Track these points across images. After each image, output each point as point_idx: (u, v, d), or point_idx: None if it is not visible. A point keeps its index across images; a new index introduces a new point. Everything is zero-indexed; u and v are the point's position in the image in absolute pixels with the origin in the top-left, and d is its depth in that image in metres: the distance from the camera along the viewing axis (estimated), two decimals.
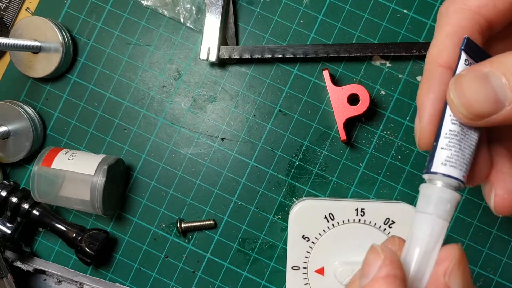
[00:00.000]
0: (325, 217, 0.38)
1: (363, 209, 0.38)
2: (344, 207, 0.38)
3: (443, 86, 0.23)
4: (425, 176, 0.22)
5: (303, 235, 0.38)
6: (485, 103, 0.20)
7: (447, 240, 0.40)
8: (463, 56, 0.22)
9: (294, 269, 0.38)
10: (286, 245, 0.39)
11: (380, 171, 0.42)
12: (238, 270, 0.42)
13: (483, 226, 0.41)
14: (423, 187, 0.22)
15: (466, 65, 0.22)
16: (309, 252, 0.38)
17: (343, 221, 0.38)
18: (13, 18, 0.44)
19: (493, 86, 0.20)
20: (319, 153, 0.42)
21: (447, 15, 0.23)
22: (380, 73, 0.42)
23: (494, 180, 0.23)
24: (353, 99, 0.40)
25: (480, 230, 0.41)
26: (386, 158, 0.42)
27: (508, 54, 0.20)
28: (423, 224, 0.21)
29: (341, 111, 0.40)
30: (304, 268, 0.38)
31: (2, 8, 0.44)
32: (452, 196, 0.21)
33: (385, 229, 0.38)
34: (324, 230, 0.38)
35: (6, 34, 0.43)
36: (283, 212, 0.42)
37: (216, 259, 0.42)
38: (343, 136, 0.40)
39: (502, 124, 0.21)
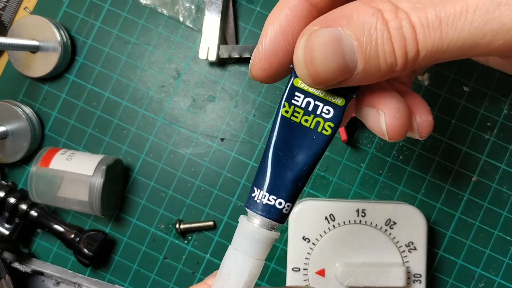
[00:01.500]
0: (326, 218, 0.38)
1: (364, 209, 0.37)
2: (345, 208, 0.38)
3: (292, 20, 0.21)
4: (246, 208, 0.21)
5: (304, 236, 0.38)
6: (333, 71, 0.19)
7: (450, 240, 0.40)
8: None
9: (294, 271, 0.38)
10: (286, 246, 0.38)
11: (381, 171, 0.41)
12: None
13: (485, 227, 0.41)
14: (241, 220, 0.21)
15: None
16: (309, 254, 0.38)
17: (344, 222, 0.38)
18: (11, 18, 0.44)
19: (344, 51, 0.18)
20: None
21: None
22: None
23: (379, 103, 0.21)
24: None
25: (482, 231, 0.41)
26: (387, 159, 0.41)
27: (367, 7, 0.18)
28: (233, 260, 0.21)
29: None
30: (305, 269, 0.38)
31: (0, 7, 0.44)
32: (267, 236, 0.21)
33: (386, 230, 0.37)
34: (324, 231, 0.38)
35: (4, 33, 0.43)
36: None
37: (215, 260, 0.42)
38: (343, 136, 0.40)
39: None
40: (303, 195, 0.42)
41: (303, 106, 0.21)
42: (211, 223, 0.42)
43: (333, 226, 0.38)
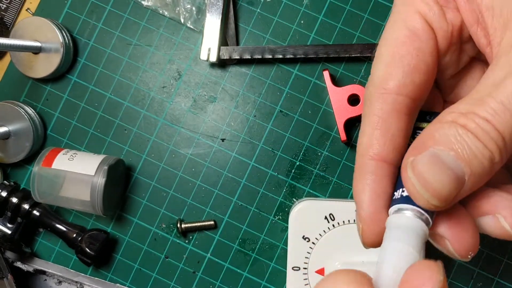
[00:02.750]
0: (326, 217, 0.38)
1: None
2: (344, 208, 0.38)
3: (379, 182, 0.23)
4: (393, 208, 0.22)
5: (304, 236, 0.38)
6: (450, 186, 0.20)
7: None
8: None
9: (294, 270, 0.38)
10: (287, 246, 0.39)
11: None
12: (239, 270, 0.42)
13: None
14: (392, 218, 0.22)
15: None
16: (309, 253, 0.38)
17: (344, 222, 0.38)
18: (13, 19, 0.44)
19: (447, 163, 0.20)
20: (319, 154, 0.42)
21: (371, 103, 0.23)
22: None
23: (491, 208, 0.22)
24: (353, 100, 0.40)
25: None
26: None
27: (441, 124, 0.20)
28: (392, 252, 0.21)
29: (342, 112, 0.40)
30: (305, 268, 0.38)
31: (3, 8, 0.44)
32: (420, 225, 0.21)
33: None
34: (324, 231, 0.38)
35: (6, 34, 0.43)
36: (284, 212, 0.42)
37: (216, 260, 0.42)
38: (343, 136, 0.40)
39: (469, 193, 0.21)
40: (303, 195, 0.42)
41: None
42: (211, 222, 0.42)
43: (333, 225, 0.38)
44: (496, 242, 0.41)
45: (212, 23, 0.41)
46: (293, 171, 0.42)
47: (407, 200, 0.21)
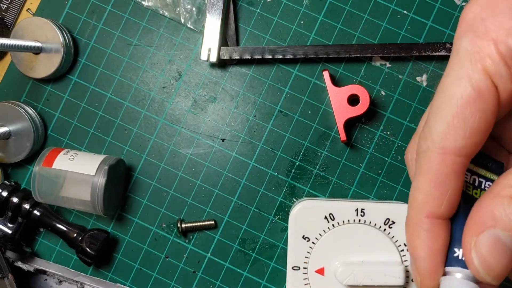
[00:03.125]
0: (325, 217, 0.38)
1: (363, 209, 0.38)
2: (344, 208, 0.38)
3: (436, 239, 0.23)
4: (451, 269, 0.24)
5: (303, 235, 0.38)
6: (509, 264, 0.21)
7: None
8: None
9: (294, 269, 0.38)
10: (286, 245, 0.39)
11: (380, 171, 0.42)
12: (239, 270, 0.42)
13: None
14: (444, 280, 0.24)
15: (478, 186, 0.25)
16: (309, 253, 0.38)
17: (343, 222, 0.38)
18: (14, 19, 0.44)
19: (507, 244, 0.21)
20: (319, 154, 0.42)
21: (429, 161, 0.23)
22: (380, 74, 0.42)
23: None
24: (353, 100, 0.41)
25: None
26: (386, 159, 0.42)
27: (500, 199, 0.21)
28: None
29: (341, 112, 0.40)
30: (305, 268, 0.38)
31: (3, 9, 0.44)
32: (471, 286, 0.23)
33: (385, 229, 0.38)
34: (324, 231, 0.38)
35: (7, 34, 0.44)
36: (283, 212, 0.42)
37: (216, 259, 0.42)
38: (343, 136, 0.40)
39: None
40: (303, 195, 0.42)
41: (471, 182, 0.26)
42: (212, 222, 0.42)
43: (333, 225, 0.38)
44: None
45: (212, 24, 0.41)
46: (293, 171, 0.42)
47: (462, 264, 0.23)
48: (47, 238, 0.44)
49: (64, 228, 0.41)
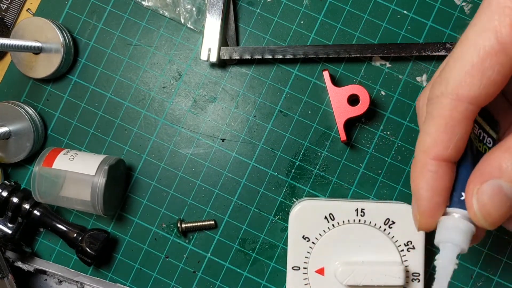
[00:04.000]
0: (325, 217, 0.38)
1: (363, 209, 0.38)
2: (344, 208, 0.38)
3: (439, 180, 0.24)
4: (452, 207, 0.25)
5: (303, 236, 0.38)
6: (506, 213, 0.23)
7: None
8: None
9: (294, 270, 0.38)
10: (286, 245, 0.39)
11: (380, 171, 0.42)
12: (239, 270, 0.42)
13: None
14: (442, 219, 0.25)
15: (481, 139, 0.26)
16: (309, 253, 0.38)
17: (343, 222, 0.38)
18: (14, 19, 0.44)
19: (508, 195, 0.23)
20: (319, 154, 0.42)
21: (441, 106, 0.23)
22: (380, 74, 0.42)
23: None
24: (353, 100, 0.41)
25: None
26: (386, 159, 0.42)
27: (504, 158, 0.22)
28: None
29: (341, 112, 0.40)
30: (305, 268, 0.38)
31: (3, 9, 0.44)
32: (468, 226, 0.25)
33: (385, 230, 0.38)
34: (324, 231, 0.38)
35: (7, 34, 0.44)
36: (283, 212, 0.42)
37: (216, 259, 0.42)
38: (343, 136, 0.40)
39: None
40: (303, 195, 0.42)
41: (477, 134, 0.27)
42: (212, 222, 0.42)
43: (333, 225, 0.38)
44: (496, 242, 0.41)
45: (212, 24, 0.41)
46: (293, 171, 0.42)
47: (462, 206, 0.25)
48: (47, 238, 0.44)
49: (64, 228, 0.41)
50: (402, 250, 0.38)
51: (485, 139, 0.27)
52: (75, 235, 0.41)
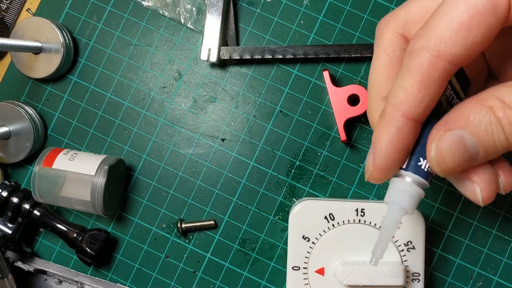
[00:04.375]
0: (325, 217, 0.38)
1: (363, 209, 0.38)
2: (344, 208, 0.38)
3: (402, 138, 0.24)
4: (407, 171, 0.26)
5: (303, 235, 0.38)
6: (461, 164, 0.23)
7: (449, 239, 0.40)
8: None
9: (294, 269, 0.38)
10: (286, 245, 0.39)
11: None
12: (239, 270, 0.42)
13: (483, 226, 0.41)
14: (394, 180, 0.26)
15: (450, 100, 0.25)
16: (309, 253, 0.38)
17: (343, 222, 0.38)
18: (14, 19, 0.44)
19: (467, 147, 0.23)
20: (319, 154, 0.42)
21: (420, 61, 0.23)
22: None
23: (474, 177, 0.25)
24: (353, 100, 0.41)
25: (480, 230, 0.41)
26: None
27: (480, 107, 0.22)
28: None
29: (341, 112, 0.40)
30: (305, 268, 0.38)
31: (3, 9, 0.44)
32: (417, 192, 0.26)
33: None
34: (324, 231, 0.38)
35: (7, 34, 0.44)
36: (283, 212, 0.42)
37: (216, 259, 0.42)
38: (343, 136, 0.40)
39: None
40: (303, 195, 0.42)
41: (448, 95, 0.26)
42: (212, 222, 0.42)
43: (333, 225, 0.38)
44: (496, 242, 0.41)
45: (212, 24, 0.41)
46: (293, 171, 0.42)
47: (417, 171, 0.25)
48: (47, 238, 0.44)
49: (64, 228, 0.41)
50: (402, 250, 0.38)
51: (453, 101, 0.26)
52: (75, 235, 0.41)
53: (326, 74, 0.40)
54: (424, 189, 0.26)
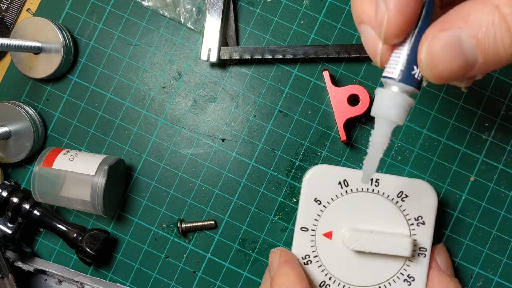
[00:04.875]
0: (339, 183, 0.38)
1: (378, 179, 0.38)
2: (359, 176, 0.38)
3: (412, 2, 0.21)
4: (383, 80, 0.24)
5: (315, 198, 0.38)
6: (455, 70, 0.20)
7: (449, 240, 0.40)
8: None
9: (302, 230, 0.38)
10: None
11: (380, 171, 0.42)
12: (239, 270, 0.42)
13: (483, 226, 0.41)
14: (380, 91, 0.24)
15: None
16: (319, 215, 0.38)
17: (357, 189, 0.38)
18: (14, 19, 0.44)
19: (464, 50, 0.20)
20: (319, 154, 0.42)
21: None
22: (380, 74, 0.42)
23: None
24: (353, 100, 0.41)
25: (480, 230, 0.41)
26: (386, 159, 0.42)
27: (476, 8, 0.19)
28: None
29: (341, 112, 0.40)
30: (313, 230, 0.38)
31: (3, 9, 0.44)
32: (406, 101, 0.24)
33: (397, 202, 0.38)
34: (336, 196, 0.38)
35: (7, 34, 0.44)
36: (283, 212, 0.42)
37: (216, 259, 0.42)
38: (343, 136, 0.40)
39: None
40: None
41: None
42: (212, 222, 0.42)
43: (346, 191, 0.38)
44: (496, 242, 0.41)
45: (212, 24, 0.41)
46: (293, 171, 0.42)
47: (409, 80, 0.23)
48: (47, 238, 0.44)
49: (64, 228, 0.41)
50: (412, 224, 0.38)
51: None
52: (75, 235, 0.41)
53: (326, 74, 0.40)
54: (413, 96, 0.24)
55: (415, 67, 0.23)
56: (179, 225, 0.42)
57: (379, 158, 0.25)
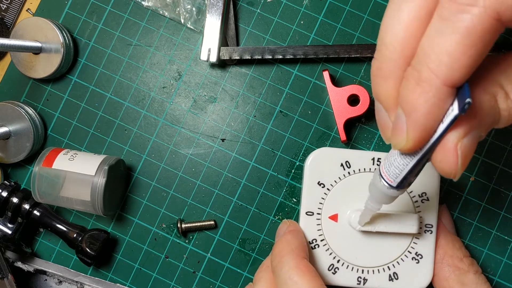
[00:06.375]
0: (342, 164, 0.38)
1: (380, 158, 0.38)
2: (360, 156, 0.38)
3: (441, 107, 0.22)
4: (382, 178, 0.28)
5: (319, 181, 0.38)
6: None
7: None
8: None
9: (308, 215, 0.38)
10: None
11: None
12: (239, 270, 0.42)
13: (483, 226, 0.41)
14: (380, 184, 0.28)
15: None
16: (323, 199, 0.38)
17: (359, 170, 0.38)
18: (14, 19, 0.44)
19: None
20: None
21: (469, 14, 0.19)
22: None
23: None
24: (353, 100, 0.41)
25: (480, 230, 0.41)
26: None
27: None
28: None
29: (341, 112, 0.40)
30: (318, 214, 0.38)
31: (3, 9, 0.44)
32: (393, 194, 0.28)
33: None
34: (339, 178, 0.38)
35: (7, 35, 0.44)
36: (283, 212, 0.42)
37: (216, 260, 0.42)
38: (343, 136, 0.40)
39: None
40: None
41: None
42: (212, 222, 0.42)
43: (348, 173, 0.38)
44: (496, 242, 0.41)
45: (212, 24, 0.41)
46: (293, 171, 0.42)
47: (404, 184, 0.27)
48: (47, 238, 0.44)
49: (64, 228, 0.41)
50: (416, 201, 0.37)
51: None
52: (75, 235, 0.41)
53: (326, 74, 0.40)
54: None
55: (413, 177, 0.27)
56: (179, 225, 0.42)
57: (370, 216, 0.33)
